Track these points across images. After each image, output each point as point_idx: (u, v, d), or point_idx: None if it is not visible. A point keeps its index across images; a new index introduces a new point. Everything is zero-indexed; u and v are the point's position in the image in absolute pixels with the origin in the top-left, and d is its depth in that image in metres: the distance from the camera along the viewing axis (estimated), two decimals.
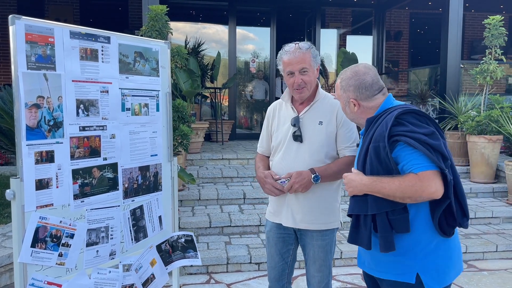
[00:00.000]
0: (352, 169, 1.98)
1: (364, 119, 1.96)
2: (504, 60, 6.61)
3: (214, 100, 9.05)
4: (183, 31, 9.80)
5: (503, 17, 6.49)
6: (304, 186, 2.24)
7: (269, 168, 2.46)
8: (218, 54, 8.53)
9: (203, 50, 9.01)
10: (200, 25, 10.18)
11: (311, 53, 2.27)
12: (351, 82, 1.95)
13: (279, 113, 2.45)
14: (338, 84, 2.01)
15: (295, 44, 2.28)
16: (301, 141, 2.30)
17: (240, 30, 9.81)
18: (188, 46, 8.83)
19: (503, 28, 6.45)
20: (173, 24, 5.33)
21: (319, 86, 2.39)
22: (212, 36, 10.12)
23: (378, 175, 1.80)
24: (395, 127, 1.77)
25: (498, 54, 6.50)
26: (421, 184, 1.70)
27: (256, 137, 9.47)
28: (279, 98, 2.51)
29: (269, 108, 2.56)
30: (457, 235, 1.91)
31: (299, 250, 2.49)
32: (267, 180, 2.31)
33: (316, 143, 2.28)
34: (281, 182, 2.27)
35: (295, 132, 2.30)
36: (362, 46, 10.98)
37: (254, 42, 10.30)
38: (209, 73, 8.79)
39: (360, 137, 2.04)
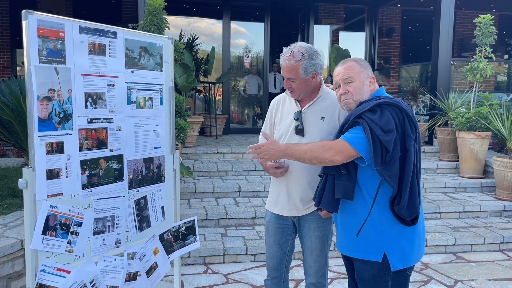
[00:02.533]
0: (264, 137, 2.26)
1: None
2: (494, 58, 6.77)
3: (207, 95, 9.10)
4: (177, 25, 9.82)
5: (493, 16, 6.62)
6: (269, 156, 2.17)
7: None
8: (213, 48, 8.57)
9: (197, 44, 9.03)
10: (194, 19, 10.20)
11: (302, 65, 2.25)
12: (366, 63, 2.14)
13: (283, 107, 2.52)
14: (353, 64, 2.09)
15: (291, 51, 2.27)
16: (303, 135, 2.36)
17: (234, 25, 9.86)
18: (182, 40, 8.85)
19: (493, 27, 6.59)
20: (168, 18, 5.37)
21: (323, 83, 2.44)
22: (206, 30, 10.16)
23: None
24: (368, 111, 1.96)
25: (488, 52, 6.65)
26: (329, 146, 1.97)
27: (249, 131, 9.63)
28: (272, 93, 2.59)
29: (272, 101, 2.62)
30: (422, 223, 2.09)
31: (297, 240, 2.57)
32: (267, 165, 2.42)
33: (318, 138, 2.33)
34: (273, 161, 2.38)
35: (297, 126, 2.37)
36: (355, 43, 11.10)
37: (248, 37, 10.36)
38: (203, 68, 8.83)
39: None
